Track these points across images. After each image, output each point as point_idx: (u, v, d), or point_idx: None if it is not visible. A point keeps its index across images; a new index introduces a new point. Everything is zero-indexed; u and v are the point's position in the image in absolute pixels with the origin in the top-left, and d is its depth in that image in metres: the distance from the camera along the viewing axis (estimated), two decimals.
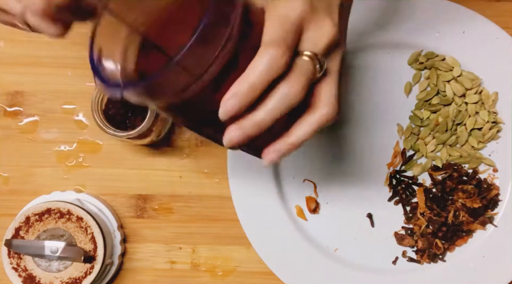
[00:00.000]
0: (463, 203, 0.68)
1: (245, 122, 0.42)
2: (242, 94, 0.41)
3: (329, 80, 0.45)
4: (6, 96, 0.71)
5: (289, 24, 0.42)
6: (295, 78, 0.42)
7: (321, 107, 0.44)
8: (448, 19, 0.70)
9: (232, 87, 0.41)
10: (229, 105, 0.41)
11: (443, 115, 0.70)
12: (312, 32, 0.43)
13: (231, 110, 0.41)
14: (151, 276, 0.71)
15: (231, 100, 0.41)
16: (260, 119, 0.42)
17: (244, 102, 0.41)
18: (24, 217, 0.64)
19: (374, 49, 0.71)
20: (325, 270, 0.69)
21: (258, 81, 0.41)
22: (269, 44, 0.41)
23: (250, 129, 0.42)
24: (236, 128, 0.42)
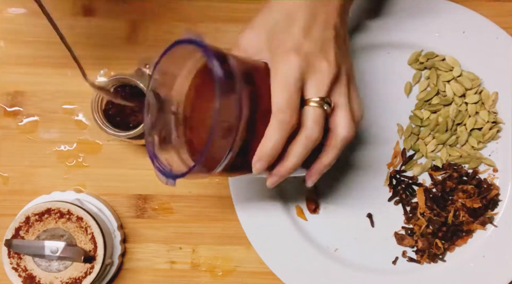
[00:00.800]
0: (463, 203, 0.68)
1: (280, 170, 0.52)
2: (266, 156, 0.50)
3: (340, 109, 0.53)
4: (6, 96, 0.71)
5: (290, 85, 0.50)
6: (311, 127, 0.51)
7: (339, 134, 0.53)
8: (448, 19, 0.70)
9: (257, 152, 0.50)
10: (258, 167, 0.51)
11: (443, 115, 0.70)
12: (313, 80, 0.51)
13: (261, 169, 0.51)
14: (151, 276, 0.71)
15: (259, 163, 0.50)
16: (291, 165, 0.52)
17: (269, 160, 0.50)
18: (24, 217, 0.64)
19: (374, 49, 0.71)
20: (325, 270, 0.69)
21: (276, 143, 0.50)
22: (276, 112, 0.50)
23: (285, 173, 0.52)
24: (273, 175, 0.53)
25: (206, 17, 0.72)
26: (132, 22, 0.72)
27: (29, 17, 0.72)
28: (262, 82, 0.51)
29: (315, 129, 0.51)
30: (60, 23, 0.71)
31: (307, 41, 0.52)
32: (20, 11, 0.72)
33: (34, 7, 0.72)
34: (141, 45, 0.72)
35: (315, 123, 0.51)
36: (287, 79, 0.50)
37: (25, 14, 0.72)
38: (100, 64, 0.71)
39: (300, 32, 0.52)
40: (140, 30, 0.72)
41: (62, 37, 0.50)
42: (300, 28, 0.52)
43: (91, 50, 0.72)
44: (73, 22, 0.72)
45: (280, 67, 0.51)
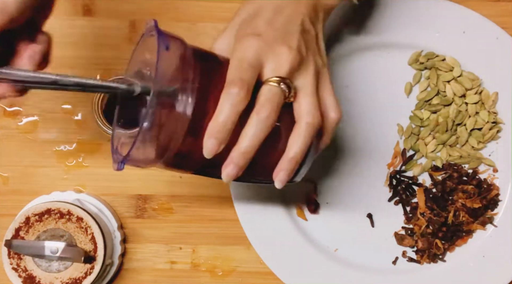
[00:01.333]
0: (463, 203, 0.68)
1: (233, 155, 0.48)
2: (216, 132, 0.46)
3: (304, 94, 0.50)
4: None
5: (244, 63, 0.48)
6: (261, 105, 0.47)
7: (302, 119, 0.49)
8: (448, 19, 0.70)
9: (207, 129, 0.47)
10: (209, 145, 0.47)
11: (443, 116, 0.70)
12: (271, 63, 0.49)
13: (212, 148, 0.47)
14: (151, 276, 0.71)
15: (209, 140, 0.46)
16: (244, 148, 0.47)
17: (221, 138, 0.47)
18: (24, 217, 0.64)
19: (374, 49, 0.70)
20: (325, 270, 0.69)
21: (227, 118, 0.46)
22: (227, 85, 0.47)
23: (240, 159, 0.48)
24: (228, 163, 0.48)
25: (206, 17, 0.72)
26: (132, 22, 0.72)
27: None
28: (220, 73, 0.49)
29: (267, 106, 0.47)
30: (60, 23, 0.72)
31: (268, 29, 0.50)
32: None
33: None
34: None
35: (268, 101, 0.47)
36: (243, 57, 0.48)
37: None
38: (100, 64, 0.71)
39: (263, 22, 0.51)
40: (140, 30, 0.72)
41: None
42: (264, 20, 0.51)
43: (91, 50, 0.71)
44: (73, 22, 0.72)
45: (237, 48, 0.49)
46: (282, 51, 0.49)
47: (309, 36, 0.52)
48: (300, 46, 0.50)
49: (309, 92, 0.50)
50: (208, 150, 0.47)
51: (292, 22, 0.51)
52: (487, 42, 0.70)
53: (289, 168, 0.50)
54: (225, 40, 0.53)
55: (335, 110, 0.52)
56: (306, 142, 0.49)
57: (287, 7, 0.52)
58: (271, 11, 0.52)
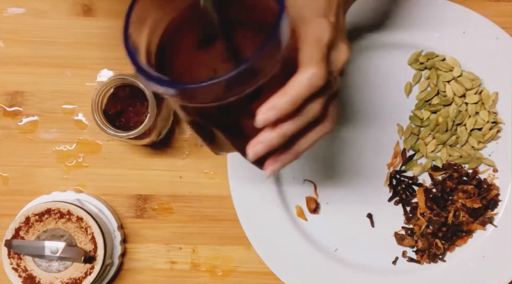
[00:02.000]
0: (463, 203, 0.68)
1: (270, 135, 0.45)
2: (281, 107, 0.43)
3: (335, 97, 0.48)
4: (6, 96, 0.71)
5: (323, 46, 0.46)
6: (321, 97, 0.46)
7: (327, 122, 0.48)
8: (448, 19, 0.70)
9: (272, 99, 0.43)
10: (269, 115, 0.43)
11: (443, 116, 0.70)
12: (335, 54, 0.47)
13: (269, 120, 0.43)
14: (151, 276, 0.71)
15: (271, 112, 0.43)
16: (286, 131, 0.45)
17: (282, 115, 0.44)
18: (24, 217, 0.64)
19: (374, 49, 0.71)
20: (325, 270, 0.69)
21: (298, 97, 0.44)
22: (311, 64, 0.44)
23: (274, 140, 0.45)
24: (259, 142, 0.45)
25: None
26: None
27: (29, 17, 0.72)
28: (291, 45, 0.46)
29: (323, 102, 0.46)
30: (60, 23, 0.72)
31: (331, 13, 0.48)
32: (20, 11, 0.72)
33: (34, 7, 0.72)
34: None
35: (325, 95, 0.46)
36: (320, 40, 0.46)
37: (25, 14, 0.72)
38: (100, 64, 0.71)
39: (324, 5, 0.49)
40: None
41: None
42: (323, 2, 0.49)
43: (91, 50, 0.71)
44: (73, 22, 0.72)
45: (312, 28, 0.46)
46: (344, 47, 0.48)
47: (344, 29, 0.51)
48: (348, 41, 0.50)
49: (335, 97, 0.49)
50: (262, 120, 0.44)
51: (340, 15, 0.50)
52: (487, 42, 0.70)
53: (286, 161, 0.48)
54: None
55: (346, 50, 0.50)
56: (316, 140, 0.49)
57: None
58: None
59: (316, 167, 0.70)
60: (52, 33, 0.72)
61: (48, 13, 0.72)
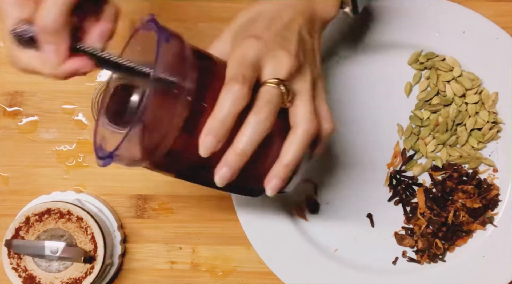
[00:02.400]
0: (463, 203, 0.68)
1: (229, 157, 0.46)
2: (215, 129, 0.44)
3: (301, 100, 0.48)
4: (6, 96, 0.71)
5: (246, 61, 0.46)
6: (260, 106, 0.46)
7: (299, 126, 0.48)
8: (448, 19, 0.70)
9: (205, 126, 0.45)
10: (207, 142, 0.44)
11: (443, 116, 0.70)
12: (271, 65, 0.47)
13: (209, 145, 0.45)
14: (151, 276, 0.71)
15: (207, 137, 0.44)
16: (240, 150, 0.45)
17: (219, 136, 0.44)
18: (24, 217, 0.64)
19: (374, 49, 0.70)
20: (325, 270, 0.69)
21: (226, 115, 0.44)
22: (228, 81, 0.45)
23: (235, 162, 0.45)
24: (222, 166, 0.46)
25: (206, 17, 0.72)
26: (132, 22, 0.72)
27: None
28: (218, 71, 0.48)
29: (266, 108, 0.46)
30: None
31: (268, 33, 0.49)
32: None
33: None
34: None
35: (267, 102, 0.46)
36: (243, 55, 0.47)
37: None
38: None
39: (262, 27, 0.50)
40: None
41: None
42: (263, 25, 0.50)
43: None
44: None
45: (237, 49, 0.48)
46: (282, 55, 0.48)
47: (306, 46, 0.52)
48: (299, 52, 0.50)
49: (307, 98, 0.49)
50: (205, 147, 0.45)
51: (290, 30, 0.51)
52: (487, 42, 0.70)
53: (282, 175, 0.48)
54: (222, 43, 0.53)
55: (329, 121, 0.51)
56: (301, 148, 0.48)
57: (285, 16, 0.52)
58: (269, 18, 0.51)
59: (316, 167, 0.70)
60: None
61: None
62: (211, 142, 0.45)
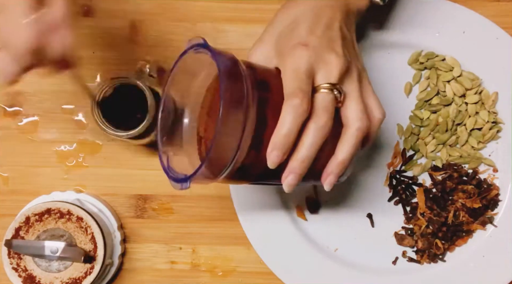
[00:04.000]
0: (463, 203, 0.68)
1: (293, 164, 0.50)
2: (280, 144, 0.48)
3: (351, 100, 0.52)
4: (6, 96, 0.71)
5: (301, 74, 0.50)
6: (318, 113, 0.49)
7: (351, 125, 0.51)
8: (448, 19, 0.70)
9: (271, 141, 0.49)
10: (273, 157, 0.49)
11: (443, 116, 0.70)
12: (322, 70, 0.51)
13: (276, 160, 0.49)
14: (151, 276, 0.71)
15: (273, 152, 0.49)
16: (303, 157, 0.50)
17: (284, 150, 0.49)
18: (24, 217, 0.64)
19: (374, 49, 0.71)
20: (325, 270, 0.69)
21: (290, 130, 0.48)
22: (288, 97, 0.49)
23: (299, 168, 0.50)
24: (288, 173, 0.50)
25: (206, 17, 0.72)
26: (132, 22, 0.72)
27: None
28: (273, 84, 0.51)
29: (324, 115, 0.49)
30: None
31: (313, 37, 0.52)
32: None
33: None
34: (141, 45, 0.72)
35: (324, 109, 0.50)
36: (297, 68, 0.50)
37: None
38: (100, 64, 0.71)
39: (305, 32, 0.52)
40: (140, 30, 0.72)
41: None
42: (304, 29, 0.53)
43: (91, 50, 0.71)
44: (73, 22, 0.72)
45: (288, 61, 0.51)
46: (331, 58, 0.51)
47: (347, 41, 0.54)
48: (344, 51, 0.53)
49: (356, 96, 0.52)
50: (272, 161, 0.49)
51: (332, 28, 0.53)
52: (487, 42, 0.70)
53: (338, 172, 0.52)
54: (263, 50, 0.55)
55: (379, 111, 0.54)
56: (356, 146, 0.52)
57: (324, 15, 0.54)
58: (309, 20, 0.53)
59: None
60: None
61: None
62: (278, 156, 0.49)
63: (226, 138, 0.47)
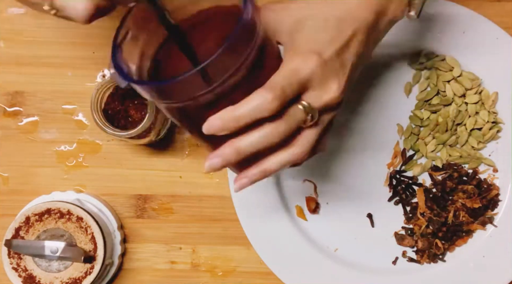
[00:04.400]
0: (463, 203, 0.68)
1: (226, 150, 0.47)
2: (225, 121, 0.45)
3: (314, 129, 0.49)
4: (6, 96, 0.71)
5: (296, 77, 0.47)
6: (281, 123, 0.46)
7: (294, 148, 0.49)
8: (448, 19, 0.70)
9: (221, 111, 0.45)
10: (212, 124, 0.45)
11: (443, 116, 0.70)
12: (317, 92, 0.48)
13: (211, 128, 0.45)
14: (151, 276, 0.71)
15: (215, 121, 0.45)
16: (239, 148, 0.47)
17: (225, 128, 0.45)
18: (24, 217, 0.64)
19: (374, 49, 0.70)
20: (325, 270, 0.69)
21: (243, 116, 0.45)
22: (266, 87, 0.45)
23: (229, 156, 0.47)
24: (217, 155, 0.47)
25: None
26: None
27: (29, 17, 0.72)
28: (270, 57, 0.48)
29: (284, 126, 0.47)
30: (60, 23, 0.72)
31: (329, 50, 0.49)
32: (20, 11, 0.72)
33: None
34: None
35: (289, 122, 0.47)
36: (297, 72, 0.47)
37: (25, 14, 0.72)
38: (100, 64, 0.71)
39: (325, 39, 0.49)
40: None
41: None
42: (326, 36, 0.49)
43: (91, 50, 0.72)
44: (73, 22, 0.72)
45: (295, 59, 0.48)
46: (332, 88, 0.49)
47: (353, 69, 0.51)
48: (345, 86, 0.50)
49: (320, 130, 0.50)
50: (207, 128, 0.46)
51: (350, 51, 0.50)
52: (487, 42, 0.70)
53: (254, 178, 0.50)
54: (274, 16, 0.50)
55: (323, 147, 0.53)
56: (282, 166, 0.50)
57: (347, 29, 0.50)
58: (333, 29, 0.50)
59: (316, 167, 0.70)
60: (52, 33, 0.72)
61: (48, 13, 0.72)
62: (216, 126, 0.45)
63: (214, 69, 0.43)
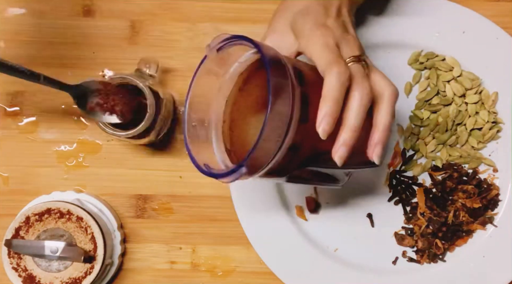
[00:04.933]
0: (463, 203, 0.68)
1: (344, 136, 0.50)
2: (329, 111, 0.48)
3: (374, 71, 0.54)
4: (6, 96, 0.72)
5: (331, 46, 0.51)
6: (359, 81, 0.50)
7: (384, 92, 0.53)
8: (448, 19, 0.70)
9: (319, 111, 0.48)
10: (324, 124, 0.48)
11: (443, 115, 0.70)
12: (345, 46, 0.53)
13: (327, 127, 0.48)
14: (151, 276, 0.71)
15: (324, 120, 0.48)
16: (353, 126, 0.49)
17: (334, 117, 0.48)
18: (24, 217, 0.65)
19: (374, 49, 0.70)
20: (325, 270, 0.69)
21: (337, 97, 0.48)
22: (328, 66, 0.49)
23: (350, 139, 0.50)
24: (340, 146, 0.50)
25: (206, 17, 0.72)
26: (132, 22, 0.72)
27: (29, 17, 0.72)
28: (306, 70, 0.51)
29: (366, 81, 0.51)
30: (60, 23, 0.72)
31: (329, 20, 0.55)
32: (20, 11, 0.72)
33: (34, 7, 0.72)
34: (141, 45, 0.72)
35: (364, 77, 0.51)
36: (326, 42, 0.52)
37: (25, 14, 0.72)
38: (100, 64, 0.72)
39: (320, 15, 0.55)
40: (140, 30, 0.72)
41: None
42: (319, 13, 0.55)
43: (91, 50, 0.72)
44: (73, 22, 0.72)
45: (314, 38, 0.52)
46: (349, 38, 0.54)
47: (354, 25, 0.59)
48: (356, 33, 0.57)
49: (375, 69, 0.54)
50: (323, 130, 0.48)
51: (342, 14, 0.57)
52: (487, 42, 0.70)
53: (384, 140, 0.53)
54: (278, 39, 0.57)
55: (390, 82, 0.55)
56: (393, 110, 0.53)
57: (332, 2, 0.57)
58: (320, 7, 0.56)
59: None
60: (52, 33, 0.72)
61: (48, 13, 0.72)
62: (328, 122, 0.48)
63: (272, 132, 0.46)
